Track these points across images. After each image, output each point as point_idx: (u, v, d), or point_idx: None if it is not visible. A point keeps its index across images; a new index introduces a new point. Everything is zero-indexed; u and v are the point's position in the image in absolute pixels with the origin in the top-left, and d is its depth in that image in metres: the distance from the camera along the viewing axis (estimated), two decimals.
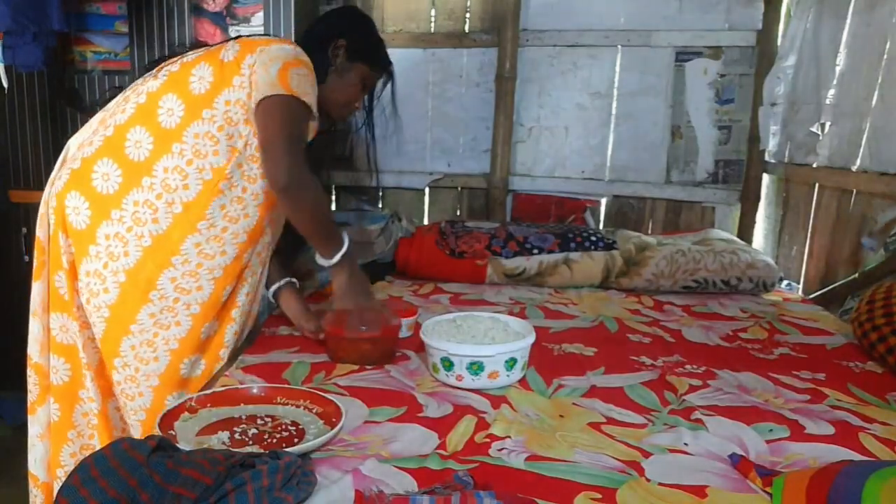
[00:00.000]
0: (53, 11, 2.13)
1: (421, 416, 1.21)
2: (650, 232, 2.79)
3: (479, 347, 1.33)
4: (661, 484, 0.99)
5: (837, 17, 2.30)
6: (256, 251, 1.52)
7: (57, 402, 1.44)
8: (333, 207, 3.06)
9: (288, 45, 1.46)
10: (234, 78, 1.39)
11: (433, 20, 2.90)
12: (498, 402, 1.28)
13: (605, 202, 2.87)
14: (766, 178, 2.73)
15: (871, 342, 1.56)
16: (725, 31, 2.68)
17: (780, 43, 2.59)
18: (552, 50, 2.83)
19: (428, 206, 3.03)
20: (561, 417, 1.22)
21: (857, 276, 2.15)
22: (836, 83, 2.30)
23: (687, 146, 2.80)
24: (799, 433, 1.18)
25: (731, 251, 2.21)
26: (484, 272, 2.23)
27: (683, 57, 2.74)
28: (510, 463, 1.05)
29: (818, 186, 2.40)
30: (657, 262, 2.18)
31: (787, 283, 2.44)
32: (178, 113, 1.38)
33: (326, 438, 1.07)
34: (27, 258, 2.61)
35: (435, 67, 2.92)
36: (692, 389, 1.37)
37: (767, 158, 2.68)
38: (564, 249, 2.25)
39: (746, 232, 2.71)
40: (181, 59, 1.46)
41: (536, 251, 2.25)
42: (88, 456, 0.87)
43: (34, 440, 1.50)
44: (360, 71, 1.61)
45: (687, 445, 1.12)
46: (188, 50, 1.52)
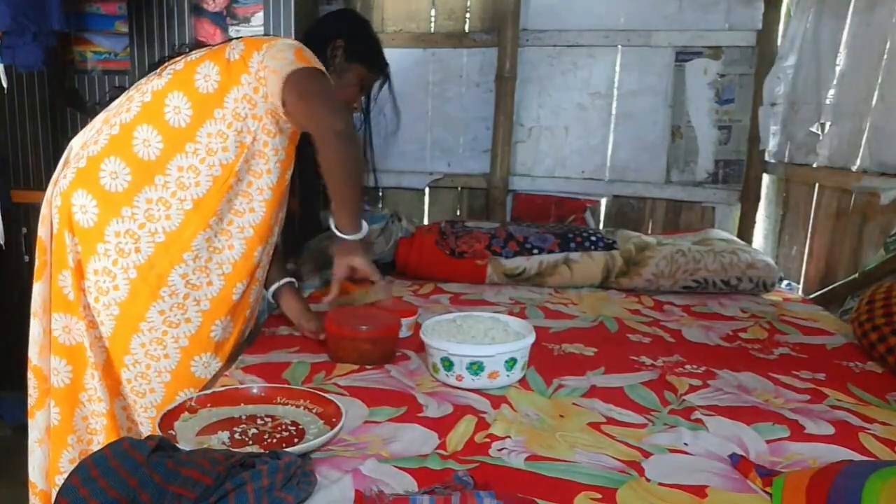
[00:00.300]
0: (53, 11, 2.13)
1: (421, 416, 1.21)
2: (650, 232, 2.78)
3: (479, 347, 1.33)
4: (661, 484, 0.99)
5: (837, 17, 2.30)
6: (266, 251, 1.53)
7: (57, 405, 1.43)
8: None
9: (291, 40, 1.48)
10: (241, 76, 1.40)
11: (433, 20, 2.90)
12: (498, 402, 1.28)
13: (605, 202, 2.87)
14: (766, 178, 2.72)
15: (871, 342, 1.56)
16: (725, 31, 2.68)
17: (780, 43, 2.59)
18: (552, 50, 2.83)
19: (428, 206, 3.03)
20: (561, 417, 1.22)
21: (857, 276, 2.15)
22: (836, 83, 2.30)
23: (687, 146, 2.80)
24: (799, 433, 1.18)
25: (731, 251, 2.21)
26: (484, 272, 2.23)
27: (683, 57, 2.74)
28: (510, 463, 1.05)
29: (818, 186, 2.40)
30: (657, 262, 2.18)
31: (787, 283, 2.44)
32: (185, 111, 1.39)
33: (326, 438, 1.07)
34: (27, 258, 2.61)
35: (435, 67, 2.92)
36: (692, 389, 1.37)
37: (767, 158, 2.68)
38: (564, 249, 2.25)
39: (746, 232, 2.71)
40: (185, 58, 1.47)
41: (536, 251, 2.25)
42: (88, 456, 0.87)
43: (33, 445, 1.49)
44: (357, 72, 1.62)
45: (687, 445, 1.12)
46: (190, 50, 1.53)
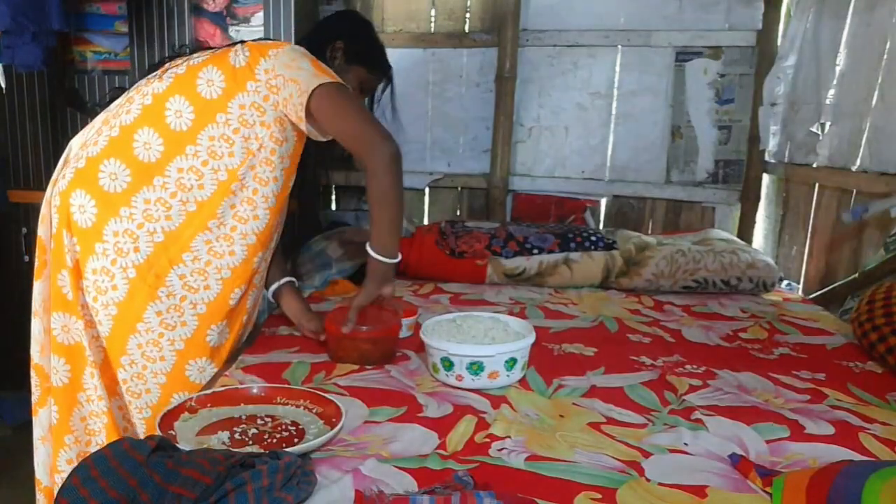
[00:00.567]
0: (53, 11, 2.13)
1: (421, 416, 1.21)
2: (650, 232, 2.79)
3: (479, 347, 1.33)
4: (661, 484, 0.99)
5: (837, 17, 2.30)
6: (265, 256, 1.52)
7: (57, 403, 1.44)
8: (333, 207, 3.06)
9: (295, 46, 1.47)
10: (248, 83, 1.39)
11: (433, 20, 2.90)
12: (498, 402, 1.28)
13: (605, 202, 2.87)
14: (766, 178, 2.73)
15: (871, 342, 1.56)
16: (725, 31, 2.68)
17: (780, 43, 2.59)
18: (552, 50, 2.83)
19: (428, 206, 3.03)
20: (561, 417, 1.22)
21: (857, 276, 2.15)
22: (836, 83, 2.30)
23: (687, 146, 2.80)
24: (799, 433, 1.18)
25: (731, 251, 2.20)
26: (484, 272, 2.23)
27: (683, 57, 2.74)
28: (510, 463, 1.05)
29: (818, 186, 2.40)
30: (657, 262, 2.18)
31: (787, 283, 2.44)
32: (187, 115, 1.38)
33: (326, 438, 1.07)
34: (27, 258, 2.61)
35: (435, 67, 2.92)
36: (692, 389, 1.37)
37: (767, 158, 2.68)
38: (564, 249, 2.25)
39: (746, 232, 2.71)
40: (186, 61, 1.46)
41: (536, 251, 2.25)
42: (88, 456, 0.87)
43: (37, 443, 1.50)
44: (357, 74, 1.61)
45: (687, 445, 1.12)
46: (191, 51, 1.52)
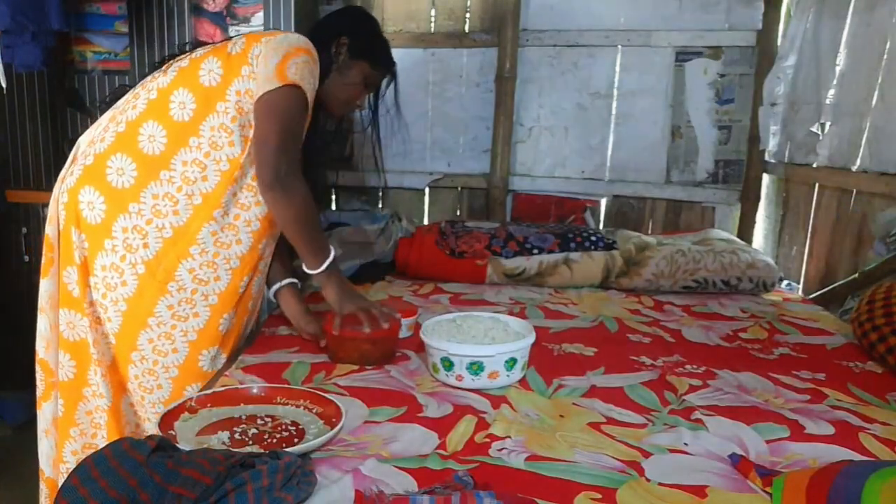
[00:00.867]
0: (53, 11, 2.13)
1: (421, 416, 1.21)
2: (650, 232, 2.79)
3: (479, 347, 1.33)
4: (661, 484, 0.99)
5: (837, 17, 2.30)
6: (270, 243, 1.54)
7: (63, 397, 1.46)
8: (333, 207, 3.06)
9: (293, 35, 1.47)
10: (242, 68, 1.40)
11: (433, 20, 2.90)
12: (498, 402, 1.28)
13: (605, 202, 2.87)
14: (766, 178, 2.73)
15: (871, 342, 1.56)
16: (725, 31, 2.68)
17: (780, 43, 2.59)
18: (552, 50, 2.83)
19: (428, 206, 3.03)
20: (561, 417, 1.22)
21: (857, 276, 2.15)
22: (836, 83, 2.30)
23: (687, 146, 2.80)
24: (799, 433, 1.18)
25: (731, 251, 2.20)
26: (484, 272, 2.23)
27: (683, 57, 2.74)
28: (510, 463, 1.05)
29: (818, 186, 2.40)
30: (657, 262, 2.18)
31: (787, 283, 2.44)
32: (189, 106, 1.40)
33: (326, 438, 1.07)
34: (27, 258, 2.61)
35: (435, 67, 2.92)
36: (692, 389, 1.37)
37: (767, 158, 2.68)
38: (564, 249, 2.25)
39: (746, 232, 2.71)
40: (189, 55, 1.48)
41: (536, 251, 2.25)
42: (88, 456, 0.88)
43: (41, 435, 1.53)
44: (361, 69, 1.61)
45: (687, 445, 1.12)
46: (193, 48, 1.54)
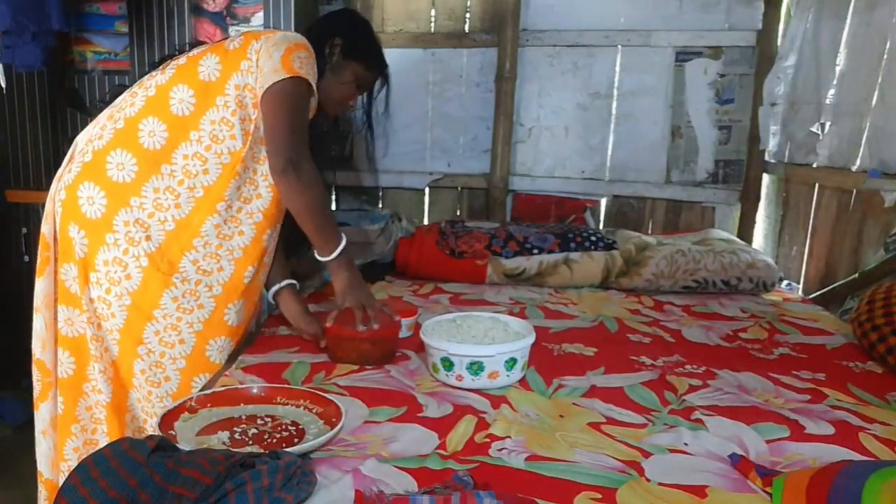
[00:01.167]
0: (53, 11, 2.13)
1: (421, 416, 1.22)
2: (650, 232, 2.78)
3: (479, 347, 1.33)
4: (661, 484, 0.99)
5: (837, 17, 2.30)
6: (273, 235, 1.55)
7: (62, 394, 1.46)
8: (333, 207, 3.06)
9: (291, 33, 1.50)
10: (241, 62, 1.42)
11: (433, 20, 2.90)
12: (498, 402, 1.28)
13: (605, 202, 2.87)
14: (766, 178, 2.72)
15: (871, 342, 1.56)
16: (725, 31, 2.68)
17: (780, 43, 2.59)
18: (552, 50, 2.83)
19: (428, 206, 3.03)
20: (561, 417, 1.22)
21: (857, 276, 2.15)
22: (836, 83, 2.30)
23: (687, 146, 2.80)
24: (799, 433, 1.18)
25: (731, 251, 2.21)
26: (484, 272, 2.23)
27: (683, 57, 2.74)
28: (510, 463, 1.05)
29: (818, 186, 2.40)
30: (657, 262, 2.18)
31: (787, 283, 2.44)
32: (189, 100, 1.41)
33: (326, 438, 1.07)
34: (27, 258, 2.61)
35: (435, 67, 2.92)
36: (692, 389, 1.37)
37: (767, 158, 2.67)
38: (564, 249, 2.25)
39: (746, 232, 2.71)
40: (187, 54, 1.50)
41: (536, 251, 2.25)
42: (88, 456, 0.88)
43: (39, 436, 1.52)
44: (354, 69, 1.63)
45: (687, 445, 1.12)
46: (191, 49, 1.55)
